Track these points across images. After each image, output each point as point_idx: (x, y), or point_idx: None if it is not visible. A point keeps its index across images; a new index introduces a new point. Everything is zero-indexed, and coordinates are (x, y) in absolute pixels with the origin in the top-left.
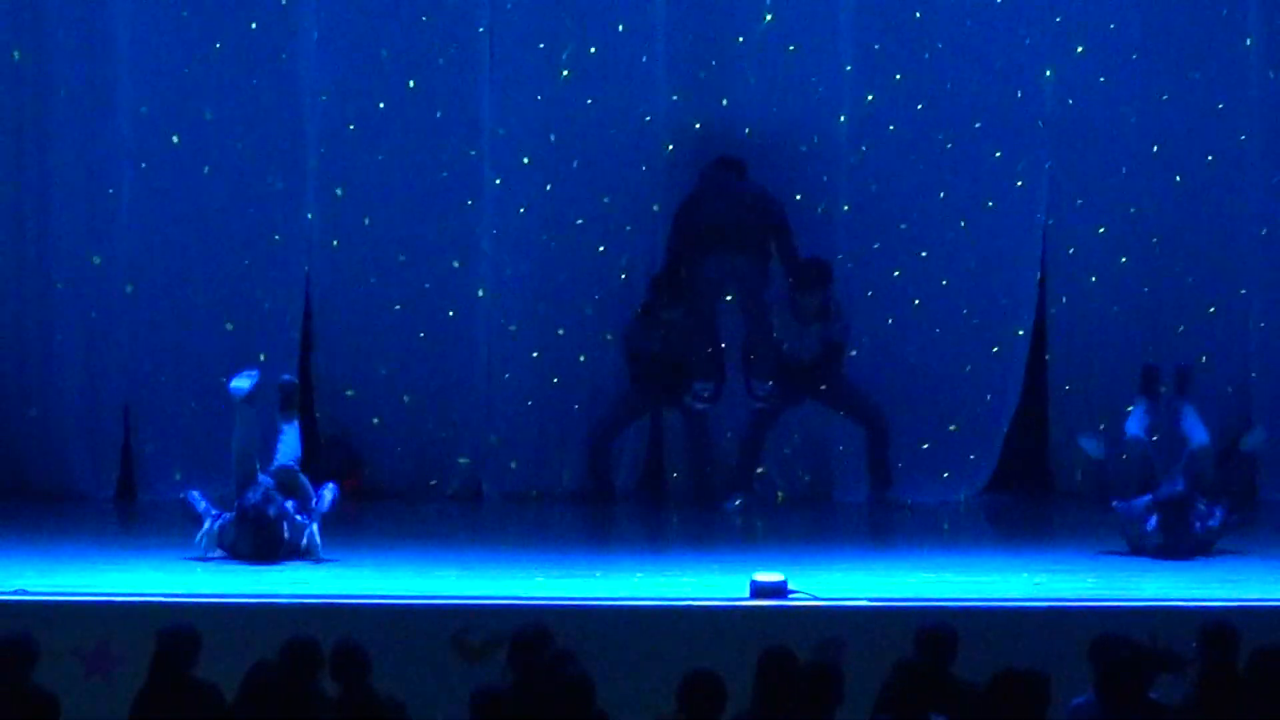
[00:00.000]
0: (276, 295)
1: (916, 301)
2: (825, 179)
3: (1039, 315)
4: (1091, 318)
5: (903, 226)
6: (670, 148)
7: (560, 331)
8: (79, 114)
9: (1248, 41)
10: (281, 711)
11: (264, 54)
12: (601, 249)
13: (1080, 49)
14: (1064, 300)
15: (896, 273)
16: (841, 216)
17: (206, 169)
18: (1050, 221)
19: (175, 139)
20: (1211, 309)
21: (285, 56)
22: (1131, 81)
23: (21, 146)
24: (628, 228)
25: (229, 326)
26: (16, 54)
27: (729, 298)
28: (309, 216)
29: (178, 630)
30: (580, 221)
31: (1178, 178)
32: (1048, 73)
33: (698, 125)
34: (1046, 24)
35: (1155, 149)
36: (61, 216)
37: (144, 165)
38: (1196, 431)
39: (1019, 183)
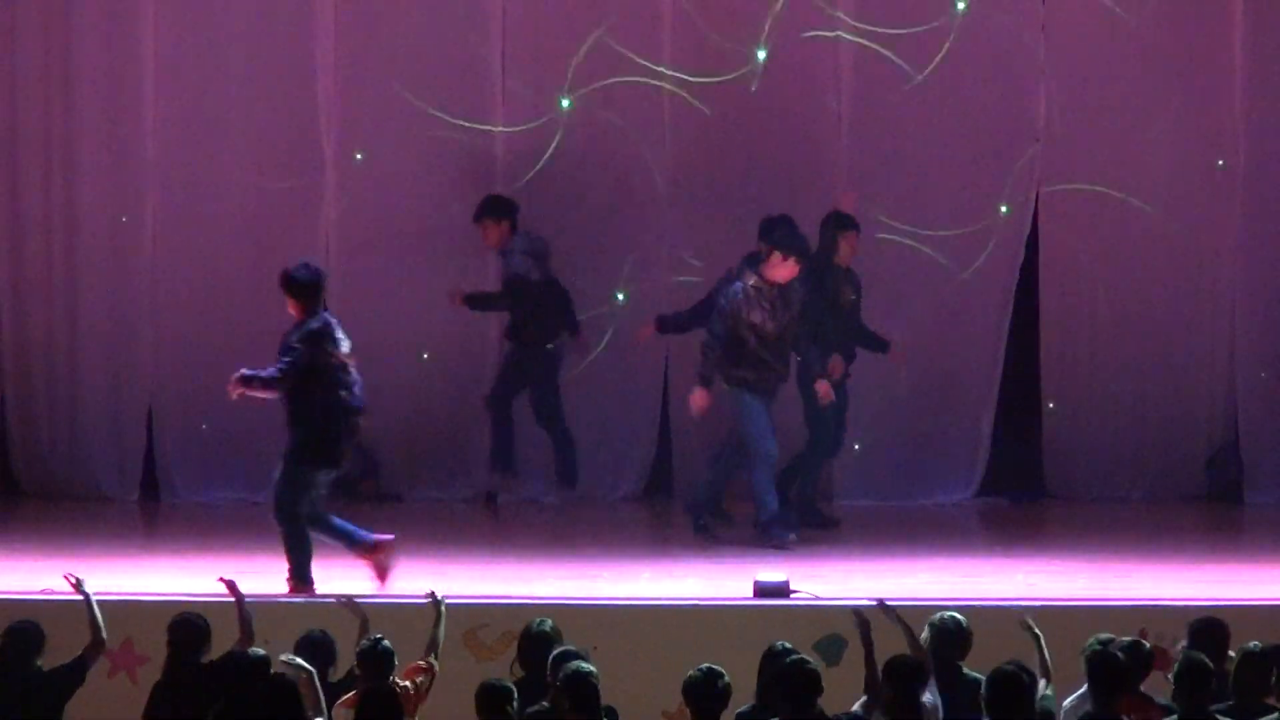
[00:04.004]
0: None
1: (907, 306)
2: (822, 188)
3: (1034, 323)
4: (1082, 326)
5: (891, 236)
6: (682, 153)
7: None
8: (105, 131)
9: (1235, 64)
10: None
11: (283, 77)
12: (608, 260)
13: (1072, 70)
14: (1056, 309)
15: (886, 279)
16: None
17: (227, 184)
18: (1039, 227)
19: (197, 155)
20: (1198, 317)
21: (303, 77)
22: (1120, 102)
23: (50, 162)
24: (634, 239)
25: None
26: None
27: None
28: (325, 229)
29: (188, 620)
30: (587, 233)
31: (1165, 192)
32: (1041, 91)
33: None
34: (1039, 44)
35: (1143, 164)
36: (88, 229)
37: (167, 180)
38: None
39: (1008, 195)
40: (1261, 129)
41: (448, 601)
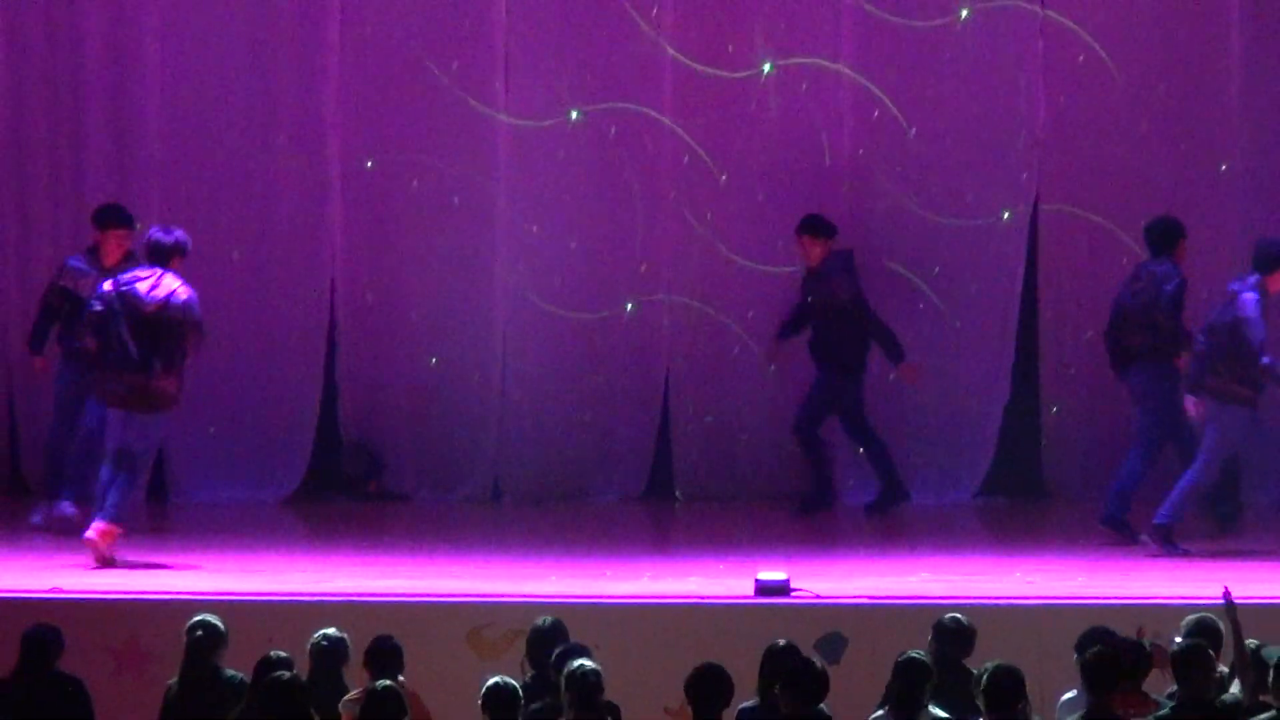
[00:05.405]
0: (302, 305)
1: (913, 306)
2: (825, 193)
3: (1032, 322)
4: (1081, 326)
5: (895, 236)
6: (686, 159)
7: (574, 335)
8: (112, 133)
9: (1232, 71)
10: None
11: (288, 75)
12: (614, 261)
13: (1068, 69)
14: (1055, 308)
15: (888, 282)
16: (838, 225)
17: (234, 185)
18: (1038, 231)
19: (202, 160)
20: (1194, 320)
21: (310, 74)
22: (1119, 108)
23: (58, 167)
24: (639, 240)
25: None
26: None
27: None
28: (331, 233)
29: (205, 623)
30: (593, 234)
31: (1162, 196)
32: (1040, 98)
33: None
34: (1036, 45)
35: (1141, 169)
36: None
37: (173, 179)
38: None
39: (1009, 199)
40: (1258, 134)
41: (451, 600)
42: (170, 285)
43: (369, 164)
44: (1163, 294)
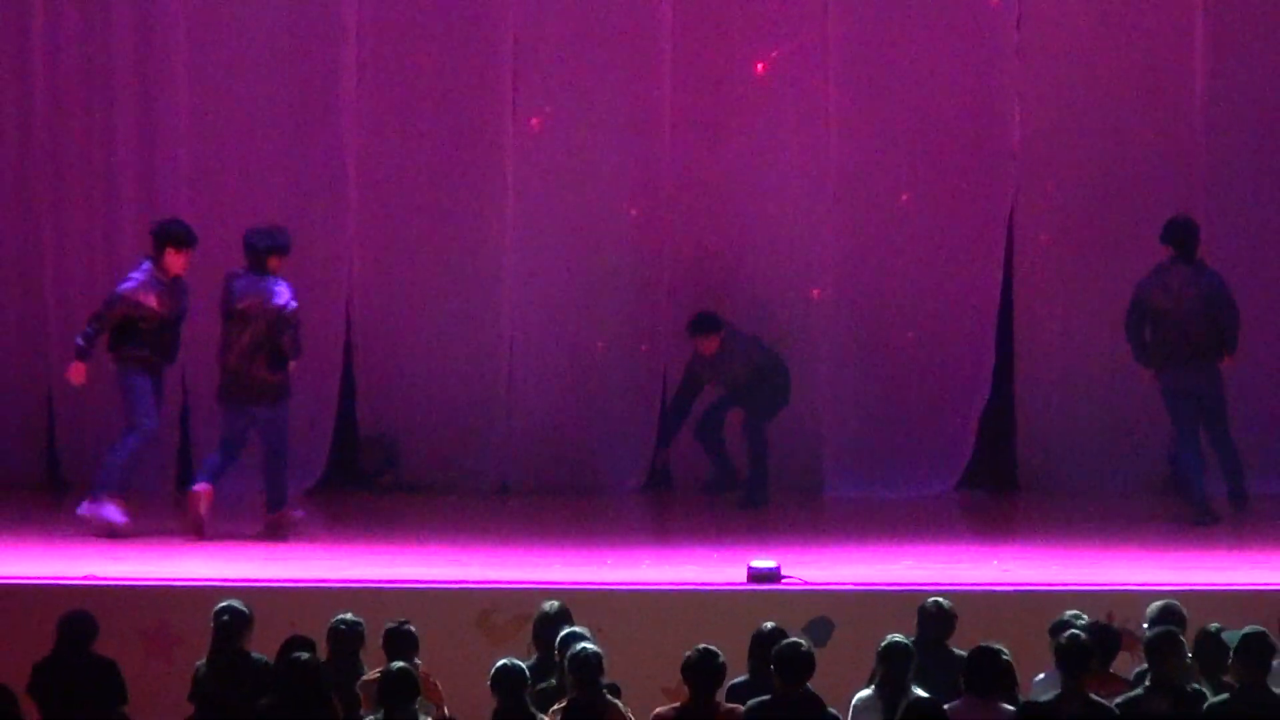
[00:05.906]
0: (320, 305)
1: (896, 307)
2: (808, 205)
3: (1008, 320)
4: (1056, 324)
5: (881, 237)
6: (686, 160)
7: (578, 336)
8: (141, 139)
9: (1196, 86)
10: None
11: (308, 83)
12: (616, 260)
13: (1043, 80)
14: (1030, 309)
15: (874, 284)
16: (824, 231)
17: (255, 189)
18: (1015, 236)
19: (225, 159)
20: None
21: (328, 84)
22: (1092, 120)
23: (92, 174)
24: (642, 239)
25: None
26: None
27: None
28: (349, 233)
29: (231, 607)
30: (597, 234)
31: (1136, 201)
32: (1015, 111)
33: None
34: (1013, 61)
35: (1115, 177)
36: (128, 244)
37: (199, 184)
38: None
39: (985, 204)
40: (1223, 143)
41: (462, 586)
42: (266, 285)
43: (384, 168)
44: (1218, 294)
